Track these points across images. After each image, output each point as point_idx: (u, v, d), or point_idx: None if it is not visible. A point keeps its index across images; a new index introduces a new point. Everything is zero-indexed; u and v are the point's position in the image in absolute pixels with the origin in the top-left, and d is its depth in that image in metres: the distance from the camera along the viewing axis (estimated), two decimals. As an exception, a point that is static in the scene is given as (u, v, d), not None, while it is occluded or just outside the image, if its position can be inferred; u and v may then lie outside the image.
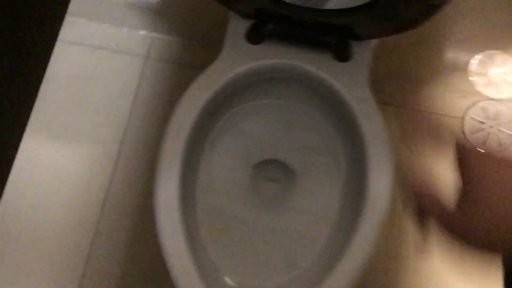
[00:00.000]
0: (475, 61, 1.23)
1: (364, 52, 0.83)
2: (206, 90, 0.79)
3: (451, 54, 1.23)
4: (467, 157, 0.46)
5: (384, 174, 0.77)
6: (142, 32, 1.22)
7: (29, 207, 1.09)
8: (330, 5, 0.76)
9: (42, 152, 1.12)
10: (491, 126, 1.20)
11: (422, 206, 0.49)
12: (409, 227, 1.12)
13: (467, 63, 1.23)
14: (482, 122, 1.20)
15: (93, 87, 1.17)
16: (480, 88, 1.22)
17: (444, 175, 1.14)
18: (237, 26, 0.83)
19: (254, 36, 0.82)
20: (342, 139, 0.89)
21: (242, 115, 0.91)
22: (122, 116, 1.16)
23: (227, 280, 0.80)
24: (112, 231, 1.09)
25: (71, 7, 1.21)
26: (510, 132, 1.20)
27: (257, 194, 0.92)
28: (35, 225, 1.08)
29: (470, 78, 1.22)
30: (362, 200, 0.76)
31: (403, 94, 1.21)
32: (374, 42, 0.84)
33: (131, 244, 1.08)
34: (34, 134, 1.13)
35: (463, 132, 1.19)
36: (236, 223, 0.86)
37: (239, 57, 0.81)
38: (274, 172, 0.96)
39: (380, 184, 0.77)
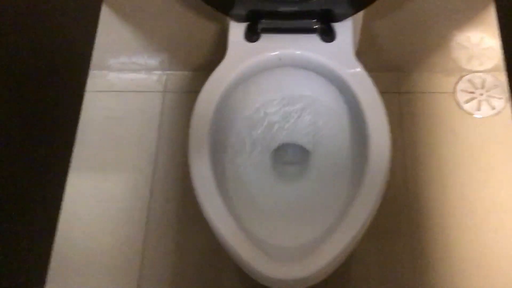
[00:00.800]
0: (454, 42, 1.37)
1: (345, 31, 0.97)
2: (219, 84, 0.94)
3: (431, 38, 1.37)
4: None
5: (381, 125, 0.89)
6: (157, 72, 1.39)
7: (81, 233, 1.21)
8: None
9: (86, 186, 1.27)
10: (481, 94, 1.32)
11: None
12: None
13: (448, 44, 1.37)
14: (472, 92, 1.32)
15: (122, 124, 1.33)
16: (464, 64, 1.35)
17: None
18: (236, 30, 0.98)
19: (251, 35, 0.97)
20: (345, 111, 1.01)
21: (255, 109, 1.05)
22: (151, 144, 1.30)
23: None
24: (159, 243, 1.20)
25: (93, 62, 1.39)
26: (499, 97, 1.31)
27: (278, 175, 1.04)
28: (88, 249, 1.20)
29: (453, 56, 1.36)
30: (366, 153, 0.87)
31: (396, 81, 1.35)
32: (357, 22, 0.99)
33: (178, 253, 1.19)
34: (77, 172, 1.28)
35: (458, 104, 1.31)
36: (261, 196, 0.98)
37: (241, 55, 0.97)
38: (291, 155, 1.08)
39: (380, 138, 0.88)
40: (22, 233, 1.22)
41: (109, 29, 1.40)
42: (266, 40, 0.97)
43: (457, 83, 1.33)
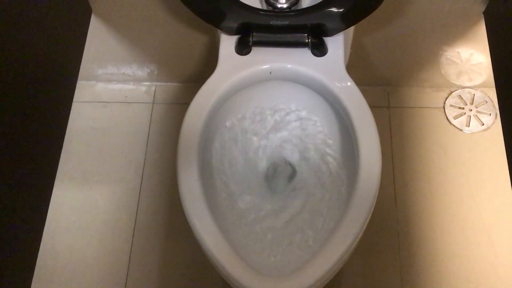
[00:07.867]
0: (444, 57, 1.37)
1: (337, 45, 0.97)
2: (209, 96, 0.92)
3: (421, 53, 1.37)
4: None
5: (372, 139, 0.88)
6: (146, 83, 1.38)
7: (66, 246, 1.19)
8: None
9: (71, 197, 1.25)
10: (470, 110, 1.32)
11: None
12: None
13: (437, 59, 1.37)
14: (462, 108, 1.33)
15: (110, 136, 1.31)
16: (453, 79, 1.36)
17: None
18: (227, 43, 0.98)
19: (242, 48, 0.96)
20: (335, 125, 1.01)
21: (245, 123, 1.04)
22: (139, 156, 1.29)
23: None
24: (145, 256, 1.18)
25: (81, 72, 1.38)
26: (488, 112, 1.32)
27: (266, 191, 1.03)
28: (73, 262, 1.18)
29: (442, 72, 1.36)
30: (357, 167, 0.87)
31: (386, 96, 1.35)
32: (348, 36, 0.99)
33: (165, 265, 1.17)
34: (62, 183, 1.26)
35: (447, 119, 1.31)
36: (249, 211, 0.97)
37: (232, 68, 0.96)
38: (279, 171, 1.07)
39: (370, 152, 0.87)
40: (5, 245, 1.19)
41: (98, 39, 1.39)
42: (257, 53, 0.96)
43: (446, 98, 1.34)
